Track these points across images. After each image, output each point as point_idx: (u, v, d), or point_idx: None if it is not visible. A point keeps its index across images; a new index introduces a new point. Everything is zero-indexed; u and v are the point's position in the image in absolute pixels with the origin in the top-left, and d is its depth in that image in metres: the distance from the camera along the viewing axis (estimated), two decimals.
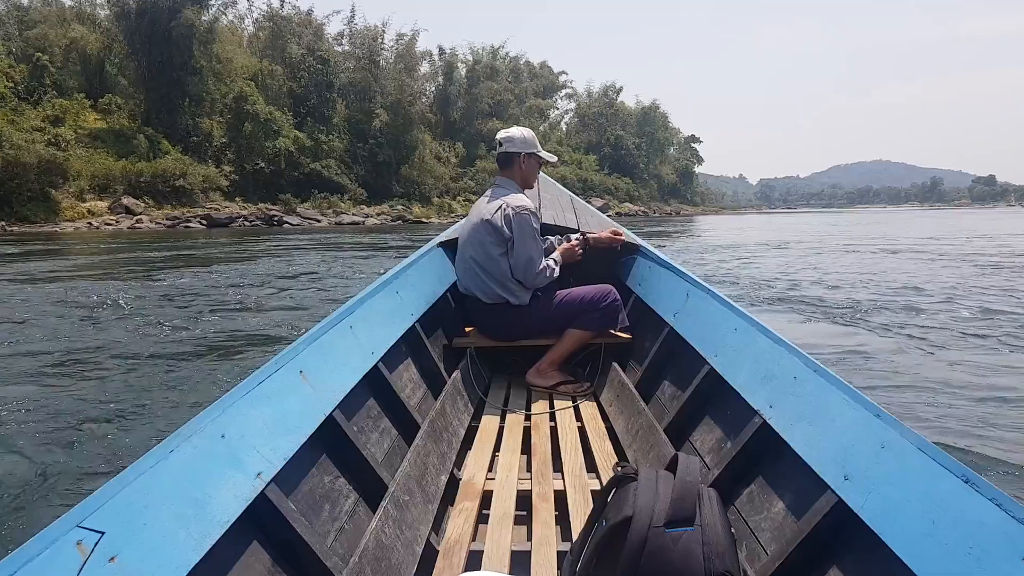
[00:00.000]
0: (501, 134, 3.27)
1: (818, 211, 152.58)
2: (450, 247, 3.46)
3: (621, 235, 3.59)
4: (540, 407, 2.85)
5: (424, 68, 55.25)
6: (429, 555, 1.74)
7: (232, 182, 39.16)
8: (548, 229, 3.57)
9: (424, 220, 40.31)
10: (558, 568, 1.62)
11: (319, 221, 36.92)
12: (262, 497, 1.36)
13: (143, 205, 33.15)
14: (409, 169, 47.78)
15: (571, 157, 64.91)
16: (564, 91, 75.77)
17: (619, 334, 3.19)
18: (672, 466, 1.40)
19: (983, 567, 1.03)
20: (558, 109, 75.32)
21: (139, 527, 1.05)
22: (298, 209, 38.20)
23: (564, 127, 76.39)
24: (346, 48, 49.64)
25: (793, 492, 1.63)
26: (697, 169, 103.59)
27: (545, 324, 3.15)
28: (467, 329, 3.30)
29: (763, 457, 1.80)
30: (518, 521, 1.91)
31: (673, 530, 1.22)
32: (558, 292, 3.17)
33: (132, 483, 1.08)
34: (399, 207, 43.32)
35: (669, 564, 1.19)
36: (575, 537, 1.56)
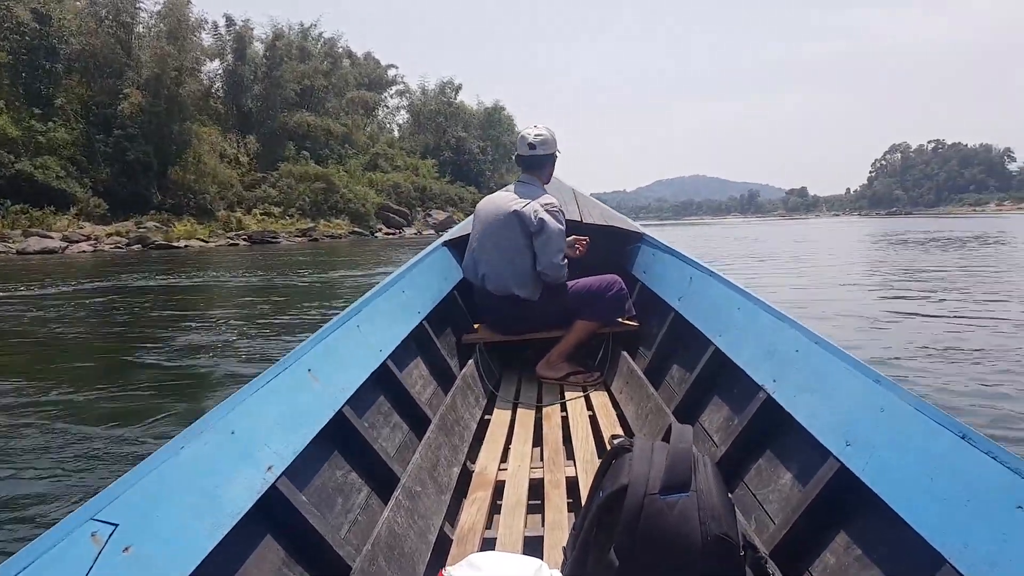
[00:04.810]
0: (534, 137, 3.19)
1: (654, 224, 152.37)
2: (455, 245, 3.46)
3: (581, 242, 3.35)
4: (551, 398, 2.85)
5: (206, 41, 41.72)
6: (443, 544, 1.73)
7: None
8: None
9: (177, 244, 27.02)
10: None
11: None
12: (273, 490, 1.38)
13: None
14: (182, 172, 34.73)
15: (405, 162, 53.81)
16: (395, 87, 64.24)
17: (626, 322, 3.19)
18: (667, 437, 1.41)
19: (980, 518, 1.05)
20: (388, 107, 63.59)
21: (152, 519, 1.07)
22: None
23: (396, 128, 64.92)
24: (85, 8, 35.26)
25: (799, 462, 1.65)
26: None
27: (553, 316, 3.16)
28: (476, 325, 3.28)
29: (769, 431, 1.82)
30: (532, 509, 1.90)
31: (668, 496, 1.23)
32: (565, 284, 3.16)
33: (145, 477, 1.10)
34: (151, 224, 30.17)
35: (666, 529, 1.20)
36: None
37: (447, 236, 3.55)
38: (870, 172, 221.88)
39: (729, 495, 1.30)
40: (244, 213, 36.30)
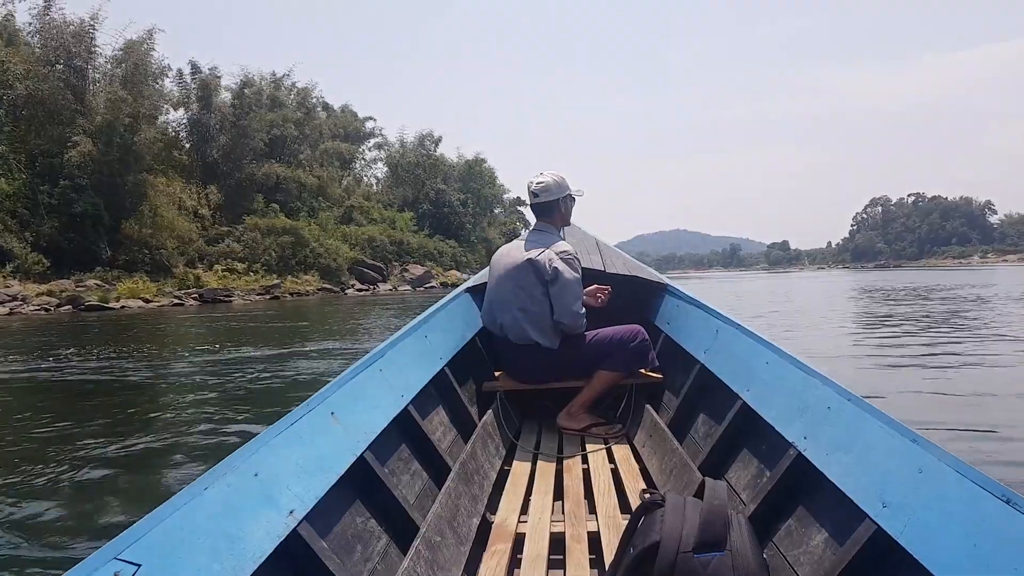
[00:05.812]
0: (534, 185, 3.14)
1: None
2: (478, 292, 3.40)
3: (603, 291, 3.31)
4: (572, 450, 2.78)
5: (170, 87, 39.30)
6: None
7: None
8: None
9: (112, 306, 23.89)
10: None
11: None
12: (295, 535, 1.37)
13: None
14: (136, 226, 32.07)
15: (382, 215, 51.46)
16: (373, 140, 62.21)
17: (650, 374, 3.12)
18: (700, 493, 1.33)
19: None
20: (365, 159, 61.15)
21: (174, 560, 1.06)
22: None
23: (374, 181, 62.67)
24: (36, 51, 32.94)
25: (832, 523, 1.59)
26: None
27: (574, 366, 3.09)
28: (496, 373, 3.22)
29: (800, 489, 1.77)
30: (552, 564, 1.87)
31: (702, 555, 1.17)
32: (586, 333, 3.10)
33: (168, 518, 1.10)
34: (91, 282, 27.22)
35: None
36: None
37: (469, 283, 3.56)
38: (851, 225, 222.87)
39: (764, 555, 1.22)
40: (205, 269, 33.59)
